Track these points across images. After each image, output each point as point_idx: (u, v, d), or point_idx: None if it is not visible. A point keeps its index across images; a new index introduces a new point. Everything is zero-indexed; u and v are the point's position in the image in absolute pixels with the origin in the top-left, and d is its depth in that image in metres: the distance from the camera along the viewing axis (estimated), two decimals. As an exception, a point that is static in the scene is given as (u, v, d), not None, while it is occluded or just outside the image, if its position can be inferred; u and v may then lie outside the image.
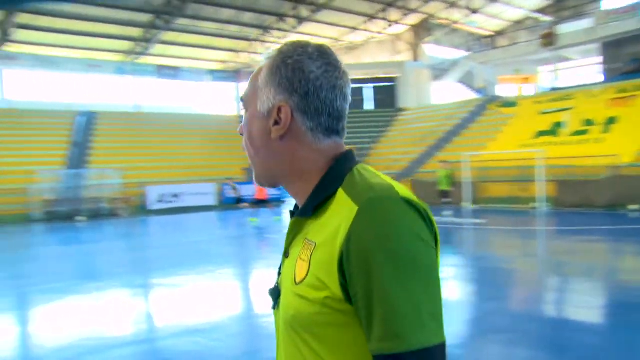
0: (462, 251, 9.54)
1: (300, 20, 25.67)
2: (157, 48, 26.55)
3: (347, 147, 0.93)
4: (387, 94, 30.73)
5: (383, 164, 21.72)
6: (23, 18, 21.40)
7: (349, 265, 0.76)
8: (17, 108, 23.44)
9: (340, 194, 0.83)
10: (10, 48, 23.36)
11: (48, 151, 20.90)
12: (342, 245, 0.77)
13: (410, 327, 0.73)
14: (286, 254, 0.91)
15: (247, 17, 25.05)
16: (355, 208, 0.78)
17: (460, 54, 31.21)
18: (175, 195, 20.76)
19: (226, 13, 24.18)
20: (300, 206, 0.91)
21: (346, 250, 0.76)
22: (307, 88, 0.87)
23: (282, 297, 0.89)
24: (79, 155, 21.71)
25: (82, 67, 25.79)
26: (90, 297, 6.41)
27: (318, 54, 0.88)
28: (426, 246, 0.77)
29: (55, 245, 12.74)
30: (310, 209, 0.86)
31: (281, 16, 25.53)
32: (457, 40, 32.08)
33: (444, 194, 14.27)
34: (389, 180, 0.85)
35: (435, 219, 0.83)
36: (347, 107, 0.92)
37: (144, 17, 23.57)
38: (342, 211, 0.80)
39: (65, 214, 18.03)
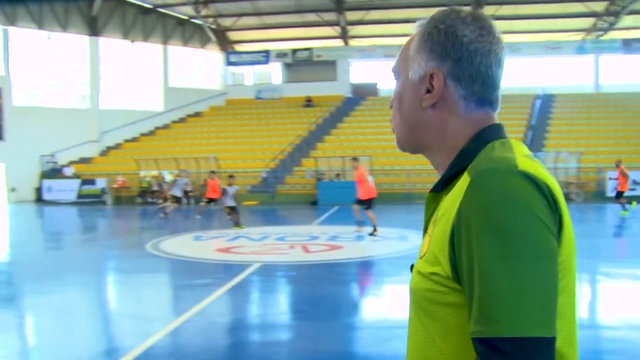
0: None
1: None
2: (625, 20, 27.62)
3: (496, 120, 0.96)
4: None
5: None
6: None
7: (458, 241, 0.80)
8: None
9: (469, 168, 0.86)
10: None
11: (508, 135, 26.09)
12: (453, 220, 0.81)
13: (506, 311, 0.73)
14: (425, 230, 0.96)
15: None
16: (468, 180, 0.82)
17: None
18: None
19: None
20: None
21: (457, 225, 0.80)
22: (461, 53, 0.91)
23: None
24: (535, 138, 25.83)
25: (541, 50, 29.93)
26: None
27: (472, 19, 0.93)
28: (541, 225, 0.77)
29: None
30: (440, 183, 0.93)
31: None
32: None
33: None
34: (520, 154, 0.86)
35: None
36: (502, 75, 0.95)
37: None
38: (462, 185, 0.84)
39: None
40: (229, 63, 33.21)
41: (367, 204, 11.44)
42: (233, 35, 34.10)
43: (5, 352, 4.83)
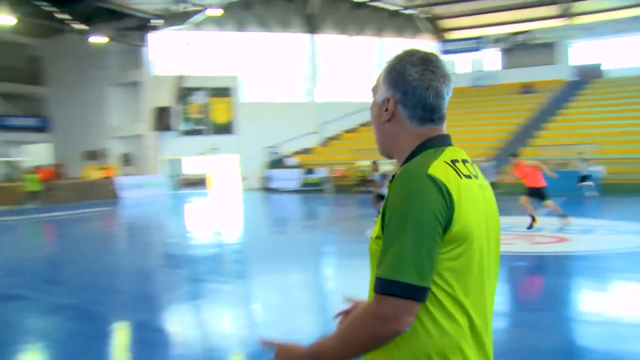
0: None
1: None
2: None
3: (441, 133, 1.56)
4: None
5: None
6: None
7: (384, 215, 1.40)
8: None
9: None
10: None
11: None
12: (385, 201, 1.41)
13: (392, 262, 1.33)
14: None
15: None
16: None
17: None
18: None
19: None
20: None
21: (385, 205, 1.41)
22: (406, 87, 1.50)
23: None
24: None
25: None
26: None
27: (420, 61, 1.50)
28: (428, 212, 1.35)
29: None
30: (392, 177, 1.47)
31: None
32: None
33: None
34: (442, 160, 1.46)
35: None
36: (443, 102, 1.52)
37: None
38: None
39: None
40: (443, 52, 35.81)
41: (537, 193, 11.89)
42: (446, 23, 36.64)
43: (237, 322, 6.27)
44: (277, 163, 32.21)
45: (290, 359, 1.50)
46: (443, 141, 1.55)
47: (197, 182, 32.75)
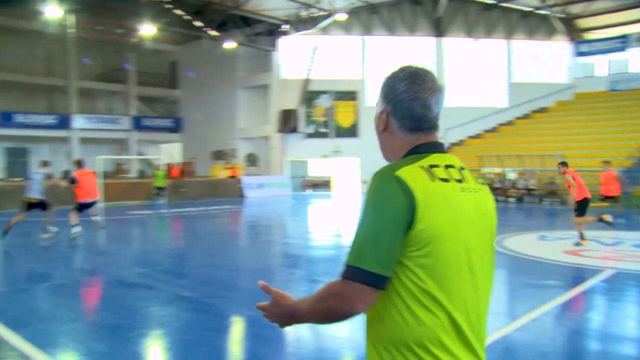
0: None
1: None
2: None
3: (430, 140, 1.75)
4: None
5: None
6: None
7: None
8: None
9: None
10: None
11: None
12: None
13: (355, 250, 1.56)
14: None
15: None
16: None
17: None
18: None
19: None
20: None
21: None
22: (395, 100, 1.73)
23: None
24: None
25: None
26: None
27: (408, 76, 1.73)
28: (390, 207, 1.55)
29: None
30: None
31: None
32: None
33: None
34: (419, 165, 1.64)
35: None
36: (430, 112, 1.72)
37: None
38: None
39: None
40: (579, 53, 34.22)
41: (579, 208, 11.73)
42: (583, 23, 34.82)
43: (349, 325, 5.77)
44: (399, 168, 31.87)
45: (280, 306, 1.76)
46: (431, 148, 1.73)
47: (321, 184, 33.37)
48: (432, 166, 1.65)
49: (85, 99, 36.21)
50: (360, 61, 34.06)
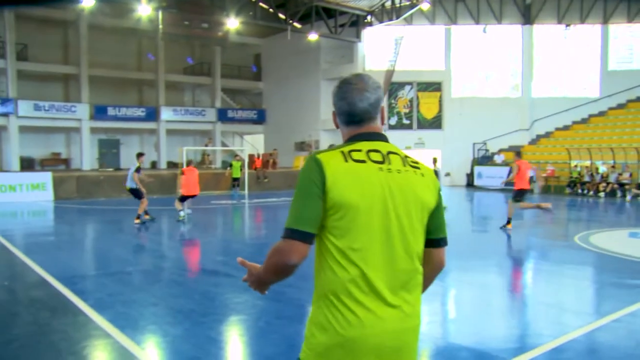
0: None
1: None
2: None
3: (363, 131, 2.17)
4: None
5: None
6: None
7: None
8: None
9: None
10: None
11: None
12: None
13: (289, 215, 2.02)
14: None
15: None
16: None
17: None
18: None
19: None
20: None
21: None
22: (334, 102, 2.21)
23: None
24: None
25: None
26: None
27: (340, 83, 2.19)
28: (309, 181, 2.00)
29: None
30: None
31: None
32: None
33: None
34: (340, 150, 2.08)
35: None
36: (355, 108, 2.15)
37: None
38: None
39: None
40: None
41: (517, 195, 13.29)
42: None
43: (428, 318, 6.13)
44: (484, 160, 31.51)
45: (251, 275, 2.26)
46: (362, 137, 2.16)
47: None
48: (352, 151, 2.09)
49: (172, 92, 37.75)
50: (445, 51, 33.43)
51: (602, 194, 23.79)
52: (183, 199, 15.07)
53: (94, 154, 35.00)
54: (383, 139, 2.17)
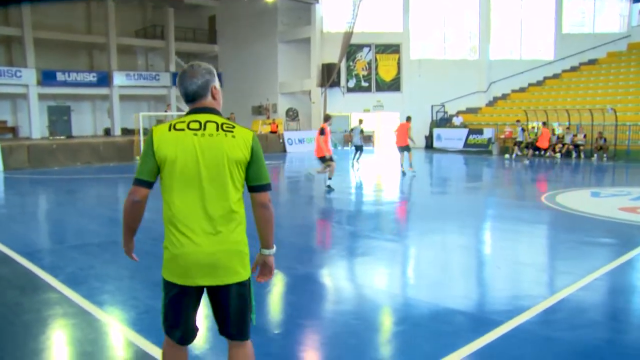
0: None
1: None
2: None
3: (194, 107, 2.85)
4: None
5: None
6: None
7: None
8: None
9: None
10: None
11: None
12: None
13: (136, 169, 2.87)
14: None
15: None
16: None
17: None
18: None
19: None
20: None
21: None
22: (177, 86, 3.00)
23: None
24: None
25: None
26: None
27: (181, 71, 2.92)
28: (147, 146, 2.80)
29: None
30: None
31: None
32: None
33: None
34: (171, 122, 2.82)
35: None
36: (185, 89, 2.83)
37: None
38: None
39: None
40: (637, 0, 32.15)
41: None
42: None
43: (389, 279, 6.45)
44: (442, 122, 31.53)
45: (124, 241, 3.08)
46: (193, 111, 2.85)
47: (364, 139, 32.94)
48: (177, 122, 2.79)
49: (124, 56, 36.35)
50: (403, 13, 33.07)
51: (558, 155, 24.18)
52: (323, 160, 14.69)
53: (44, 122, 33.55)
54: (208, 111, 2.84)
